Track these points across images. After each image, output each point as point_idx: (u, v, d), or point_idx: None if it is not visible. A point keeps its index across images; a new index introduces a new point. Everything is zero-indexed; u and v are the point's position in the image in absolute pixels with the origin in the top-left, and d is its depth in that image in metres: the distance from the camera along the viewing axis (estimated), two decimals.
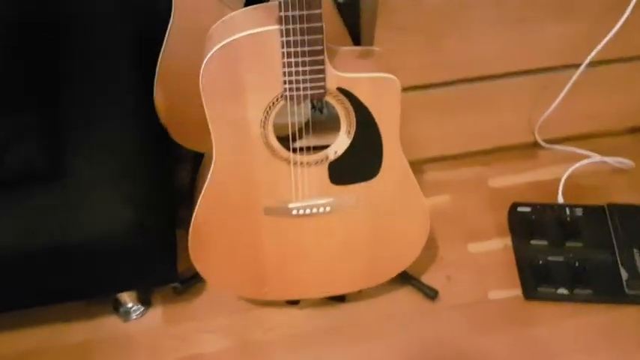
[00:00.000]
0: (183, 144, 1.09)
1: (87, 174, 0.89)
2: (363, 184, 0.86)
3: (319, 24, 0.68)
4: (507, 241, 1.14)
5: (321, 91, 0.74)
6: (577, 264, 1.09)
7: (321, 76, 0.73)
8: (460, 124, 1.16)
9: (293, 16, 0.68)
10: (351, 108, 0.78)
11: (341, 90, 0.75)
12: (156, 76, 1.00)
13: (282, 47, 0.70)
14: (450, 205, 1.21)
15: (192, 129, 0.97)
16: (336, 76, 0.74)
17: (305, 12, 0.67)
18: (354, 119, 0.79)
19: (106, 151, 0.92)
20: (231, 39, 0.71)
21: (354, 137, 0.80)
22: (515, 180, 1.24)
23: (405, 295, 1.09)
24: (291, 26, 0.69)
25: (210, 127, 0.78)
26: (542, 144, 1.22)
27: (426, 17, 0.95)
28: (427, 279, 1.09)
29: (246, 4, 0.89)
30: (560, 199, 1.19)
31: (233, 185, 0.84)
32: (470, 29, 0.98)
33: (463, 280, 1.11)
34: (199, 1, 0.93)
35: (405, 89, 0.80)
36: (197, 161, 1.02)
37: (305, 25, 0.68)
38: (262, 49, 0.71)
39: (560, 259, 1.10)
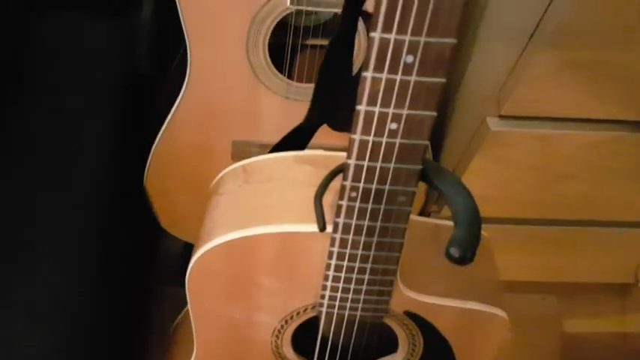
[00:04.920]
0: (176, 234, 0.93)
1: None
2: None
3: (399, 240, 0.47)
4: None
5: (380, 314, 0.53)
6: None
7: (383, 298, 0.51)
8: (546, 258, 0.95)
9: (358, 225, 0.45)
10: (419, 336, 0.56)
11: (410, 315, 0.54)
12: (151, 156, 0.84)
13: (331, 258, 0.48)
14: (511, 348, 1.00)
15: (189, 218, 0.78)
16: (407, 299, 0.52)
17: (380, 224, 0.45)
18: (421, 348, 0.58)
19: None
20: (251, 233, 0.48)
21: None
22: (597, 326, 1.03)
23: None
24: (351, 237, 0.46)
25: (192, 321, 0.58)
26: None
27: (549, 158, 0.75)
28: None
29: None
30: None
31: None
32: (603, 176, 0.78)
33: None
34: (227, 71, 0.75)
35: (490, 220, 0.61)
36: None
37: (375, 239, 0.46)
38: (296, 251, 0.49)
39: None
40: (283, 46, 0.81)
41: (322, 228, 0.44)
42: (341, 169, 0.45)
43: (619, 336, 1.05)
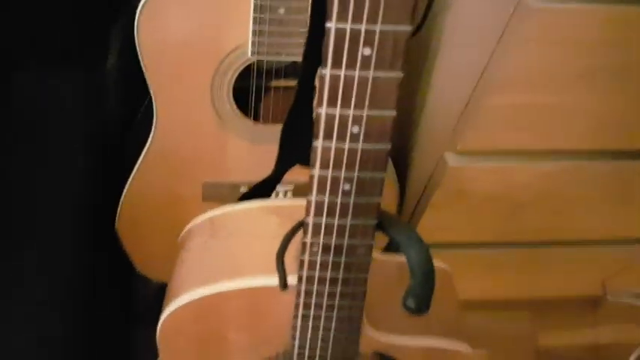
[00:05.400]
0: (151, 276, 0.94)
1: None
2: None
3: (361, 289, 0.49)
4: None
5: (349, 357, 0.55)
6: None
7: (352, 344, 0.53)
8: (514, 277, 0.98)
9: (321, 277, 0.48)
10: None
11: (380, 355, 0.56)
12: (121, 201, 0.85)
13: (297, 309, 0.51)
14: None
15: (163, 260, 0.78)
16: (374, 339, 0.54)
17: (343, 275, 0.47)
18: None
19: None
20: (216, 290, 0.50)
21: None
22: (570, 339, 1.05)
23: None
24: (315, 287, 0.48)
25: None
26: (610, 298, 1.02)
27: (508, 188, 0.78)
28: None
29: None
30: None
31: None
32: (561, 202, 0.81)
33: None
34: (193, 119, 0.77)
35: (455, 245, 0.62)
36: None
37: (339, 289, 0.48)
38: (264, 304, 0.51)
39: None
40: (248, 89, 0.84)
41: (284, 287, 0.46)
42: (300, 226, 0.47)
43: (592, 348, 1.08)
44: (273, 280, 0.50)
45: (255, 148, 0.81)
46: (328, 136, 0.39)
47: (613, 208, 0.86)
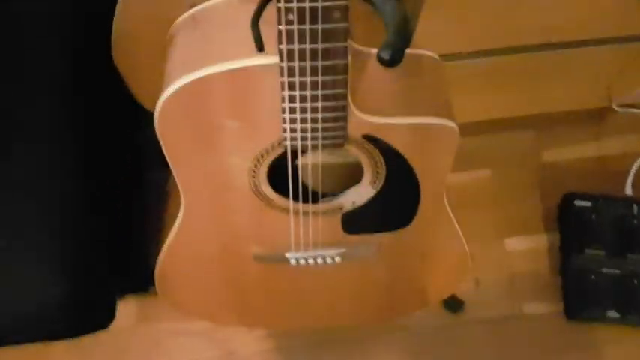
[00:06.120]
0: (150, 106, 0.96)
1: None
2: (387, 233, 0.70)
3: (343, 61, 0.48)
4: (555, 238, 0.99)
5: (340, 140, 0.56)
6: (636, 282, 0.95)
7: (340, 124, 0.54)
8: (517, 91, 0.97)
9: (301, 50, 0.47)
10: (380, 157, 0.59)
11: (369, 138, 0.57)
12: (113, 33, 0.82)
13: (283, 89, 0.50)
14: (490, 183, 1.05)
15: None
16: (362, 122, 0.55)
17: (321, 45, 0.46)
18: (384, 169, 0.61)
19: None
20: (202, 74, 0.50)
21: (380, 188, 0.63)
22: (574, 153, 1.07)
23: None
24: (297, 63, 0.47)
25: (174, 174, 0.61)
26: (616, 108, 1.01)
27: None
28: None
29: None
30: (629, 190, 1.01)
31: (209, 235, 0.70)
32: None
33: (495, 287, 0.98)
34: None
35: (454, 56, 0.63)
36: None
37: (320, 63, 0.47)
38: (250, 87, 0.51)
39: (617, 272, 0.95)
40: None
41: (260, 49, 0.46)
42: None
43: (597, 160, 1.08)
44: (253, 61, 0.50)
45: None
46: None
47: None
